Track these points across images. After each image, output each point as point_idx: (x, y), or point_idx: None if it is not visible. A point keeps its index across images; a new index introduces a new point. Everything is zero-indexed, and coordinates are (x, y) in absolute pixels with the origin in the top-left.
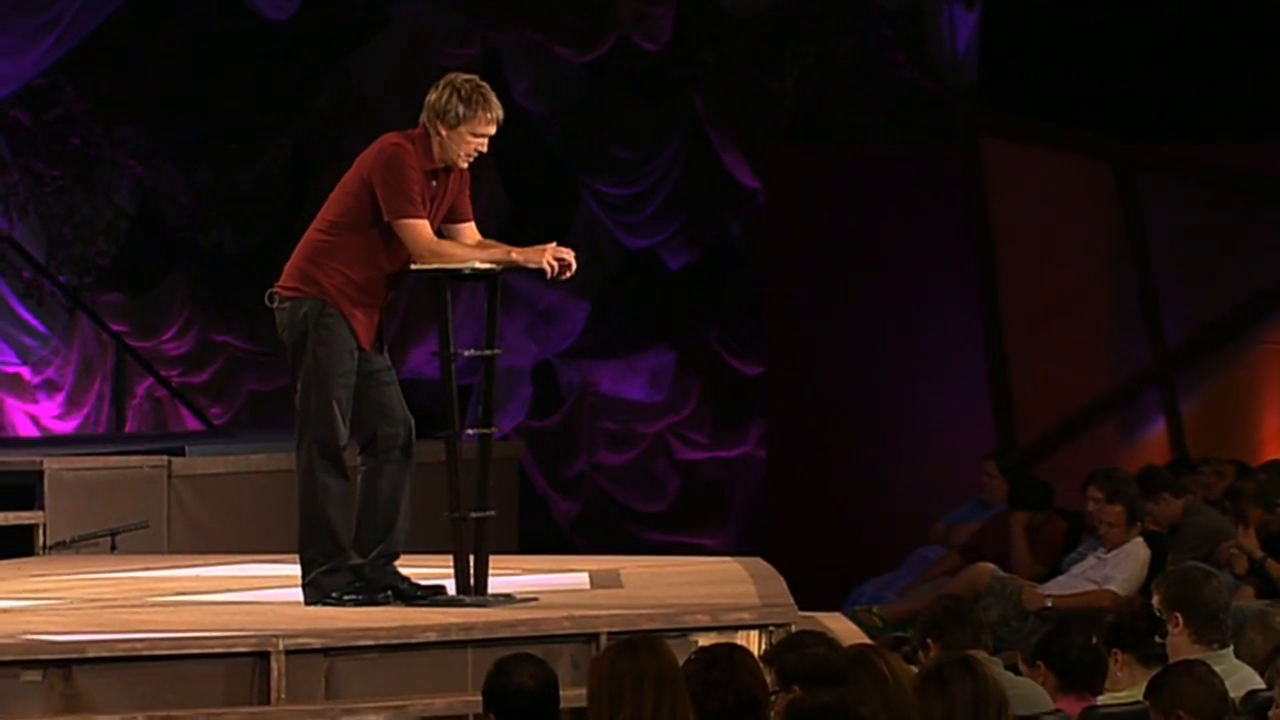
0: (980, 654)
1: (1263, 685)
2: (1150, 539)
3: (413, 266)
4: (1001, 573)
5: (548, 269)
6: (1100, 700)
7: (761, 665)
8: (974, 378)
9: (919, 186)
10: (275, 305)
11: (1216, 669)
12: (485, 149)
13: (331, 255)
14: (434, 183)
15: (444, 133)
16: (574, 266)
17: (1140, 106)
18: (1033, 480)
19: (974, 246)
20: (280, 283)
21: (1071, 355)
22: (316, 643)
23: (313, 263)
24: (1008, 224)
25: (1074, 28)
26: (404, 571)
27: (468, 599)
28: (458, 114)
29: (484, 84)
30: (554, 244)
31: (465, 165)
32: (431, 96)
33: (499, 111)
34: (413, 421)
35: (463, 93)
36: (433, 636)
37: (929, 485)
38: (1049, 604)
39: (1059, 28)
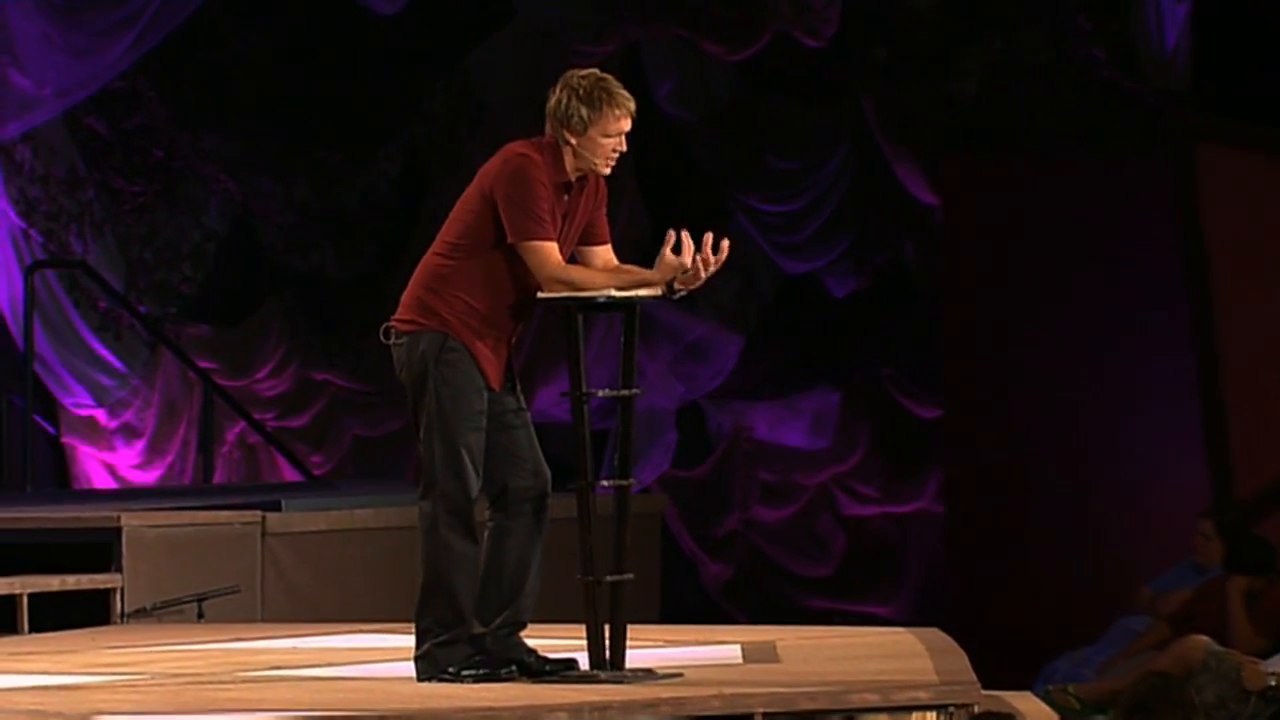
0: None
1: None
2: None
3: (539, 295)
4: (1217, 647)
5: (694, 270)
6: None
7: None
8: (1186, 422)
9: (1121, 202)
10: (392, 341)
11: None
12: (624, 147)
13: (452, 282)
14: (566, 197)
15: (573, 141)
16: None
17: None
18: (1254, 540)
19: (1185, 271)
20: (397, 315)
21: None
22: None
23: (431, 291)
24: (1226, 245)
25: None
26: (530, 643)
27: (603, 674)
28: (582, 117)
29: (605, 76)
30: (669, 245)
31: (608, 170)
32: (550, 103)
33: (630, 103)
34: (548, 473)
35: (581, 91)
36: (563, 717)
37: (1134, 546)
38: (1273, 683)
39: None
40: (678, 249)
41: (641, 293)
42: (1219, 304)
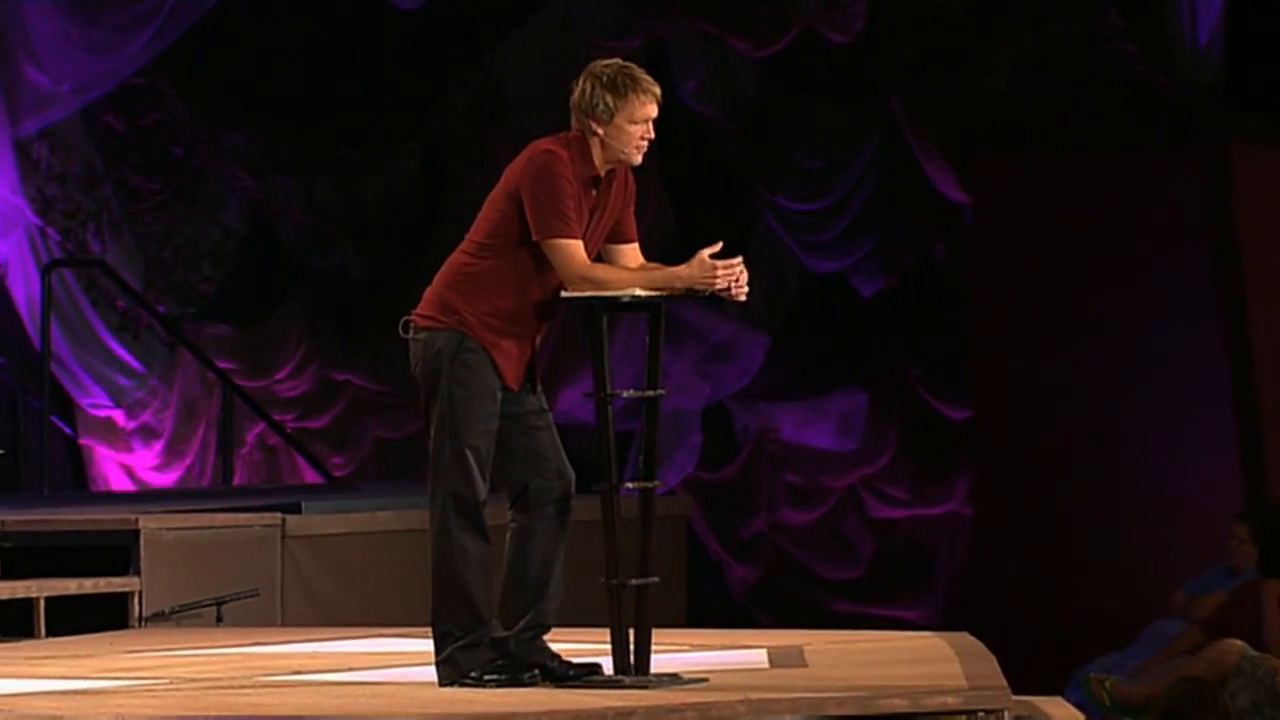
0: None
1: None
2: None
3: (563, 294)
4: (1252, 651)
5: (725, 284)
6: None
7: None
8: (1220, 424)
9: (1153, 199)
10: (410, 336)
11: None
12: (652, 134)
13: (479, 281)
14: (594, 191)
15: (600, 131)
16: (747, 286)
17: None
18: None
19: (1218, 269)
20: (418, 310)
21: None
22: None
23: (455, 290)
24: (1260, 242)
25: None
26: (554, 647)
27: (627, 679)
28: (608, 105)
29: (628, 64)
30: (713, 250)
31: (639, 159)
32: (575, 95)
33: (655, 88)
34: (572, 474)
35: (605, 80)
36: None
37: (1167, 549)
38: None
39: None
40: (721, 255)
41: (666, 292)
42: (1253, 303)
